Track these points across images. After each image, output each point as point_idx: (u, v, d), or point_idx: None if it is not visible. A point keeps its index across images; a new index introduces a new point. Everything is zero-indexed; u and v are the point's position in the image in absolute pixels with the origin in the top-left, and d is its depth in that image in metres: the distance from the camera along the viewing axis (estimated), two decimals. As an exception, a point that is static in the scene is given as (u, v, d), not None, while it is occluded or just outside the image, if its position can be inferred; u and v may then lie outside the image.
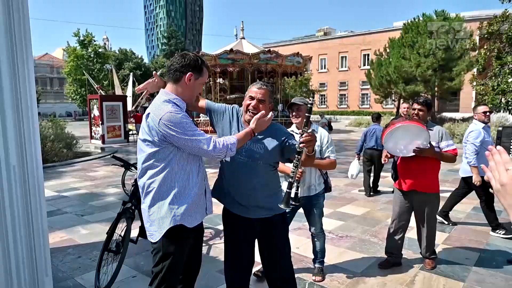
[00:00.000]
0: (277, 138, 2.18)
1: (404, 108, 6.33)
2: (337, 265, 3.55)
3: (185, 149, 1.91)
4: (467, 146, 4.26)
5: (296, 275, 3.29)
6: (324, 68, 47.84)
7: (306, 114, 1.99)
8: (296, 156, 1.97)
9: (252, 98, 2.14)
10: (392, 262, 3.50)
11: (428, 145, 3.06)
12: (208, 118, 2.36)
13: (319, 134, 3.03)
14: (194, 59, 1.96)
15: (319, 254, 3.31)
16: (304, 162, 2.11)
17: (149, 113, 1.92)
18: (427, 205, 3.33)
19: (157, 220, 1.95)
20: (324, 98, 47.26)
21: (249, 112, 2.13)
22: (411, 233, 4.44)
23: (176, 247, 1.98)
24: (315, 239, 3.29)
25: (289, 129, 2.96)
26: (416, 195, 3.31)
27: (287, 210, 2.20)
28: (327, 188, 3.24)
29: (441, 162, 3.32)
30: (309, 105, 2.05)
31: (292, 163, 2.02)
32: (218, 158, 1.98)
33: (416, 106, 3.34)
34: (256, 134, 2.06)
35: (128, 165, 3.42)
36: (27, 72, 2.44)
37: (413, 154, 3.11)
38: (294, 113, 2.96)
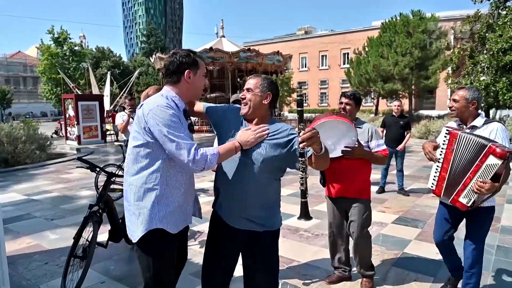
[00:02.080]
0: (281, 138, 1.92)
1: (395, 106, 6.32)
2: (311, 263, 3.54)
3: (165, 149, 1.81)
4: None
5: (283, 280, 3.25)
6: (305, 66, 48.19)
7: (299, 109, 1.81)
8: (299, 159, 1.72)
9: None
10: (340, 276, 3.14)
11: (356, 143, 2.73)
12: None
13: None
14: (186, 55, 1.90)
15: None
16: (317, 164, 1.83)
17: (143, 104, 1.87)
18: (358, 212, 2.91)
19: (134, 220, 1.87)
20: (305, 97, 47.59)
21: (243, 104, 1.97)
22: (386, 229, 4.51)
23: (162, 250, 1.91)
24: None
25: None
26: (346, 201, 2.95)
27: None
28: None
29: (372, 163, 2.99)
30: (298, 98, 1.85)
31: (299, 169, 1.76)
32: (194, 171, 1.83)
33: (343, 99, 2.99)
34: (243, 148, 1.89)
35: (94, 168, 3.30)
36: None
37: (341, 154, 2.74)
38: None
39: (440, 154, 2.55)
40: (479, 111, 2.62)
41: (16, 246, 4.10)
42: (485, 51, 16.69)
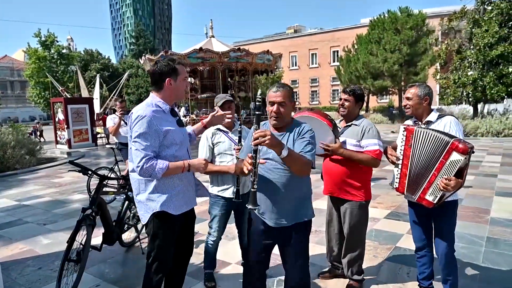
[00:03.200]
0: (293, 136, 2.11)
1: None
2: (306, 260, 3.57)
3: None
4: None
5: (278, 277, 3.28)
6: (295, 65, 48.33)
7: (257, 113, 1.91)
8: (252, 154, 1.90)
9: (272, 103, 2.10)
10: (335, 272, 3.16)
11: (334, 141, 2.71)
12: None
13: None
14: (165, 65, 2.19)
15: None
16: (290, 166, 2.01)
17: (132, 112, 2.20)
18: (350, 214, 2.84)
19: (142, 206, 2.23)
20: (296, 95, 47.72)
21: (273, 118, 2.11)
22: (378, 224, 4.57)
23: (163, 230, 2.24)
24: (244, 237, 3.11)
25: (215, 128, 2.89)
26: (338, 201, 2.91)
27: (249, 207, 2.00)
28: None
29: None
30: (257, 103, 1.92)
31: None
32: (143, 176, 2.14)
33: (342, 95, 2.86)
34: (190, 168, 2.20)
35: (86, 171, 3.28)
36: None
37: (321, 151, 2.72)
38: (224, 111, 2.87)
39: (400, 152, 2.51)
40: (432, 106, 2.62)
41: (9, 252, 4.06)
42: (471, 46, 16.93)
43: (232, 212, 3.07)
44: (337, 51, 42.42)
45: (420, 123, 2.59)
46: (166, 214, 2.21)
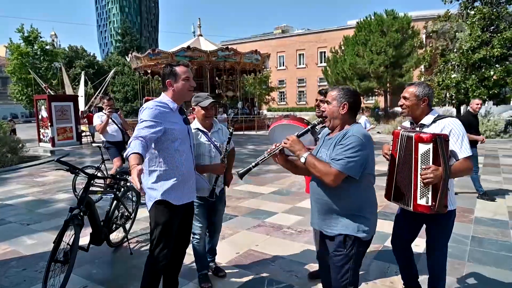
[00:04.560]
0: (335, 141, 2.01)
1: (477, 104, 5.80)
2: (295, 259, 3.59)
3: None
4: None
5: (254, 273, 3.28)
6: (283, 65, 48.50)
7: (302, 132, 2.14)
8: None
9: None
10: None
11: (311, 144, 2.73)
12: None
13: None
14: (166, 68, 2.45)
15: (216, 251, 3.35)
16: (310, 170, 2.00)
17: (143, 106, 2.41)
18: None
19: (148, 194, 2.41)
20: (284, 95, 47.90)
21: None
22: (366, 224, 4.63)
23: (165, 219, 2.38)
24: (214, 234, 3.24)
25: (194, 128, 2.91)
26: None
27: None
28: (226, 181, 3.15)
29: None
30: (312, 126, 2.17)
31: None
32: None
33: (318, 96, 2.93)
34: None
35: (74, 169, 3.21)
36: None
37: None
38: (207, 112, 2.93)
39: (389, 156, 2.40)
40: (433, 108, 2.44)
41: (-9, 253, 3.94)
42: (455, 50, 17.30)
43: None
44: (324, 52, 42.75)
45: (415, 125, 2.43)
46: (167, 203, 2.36)
